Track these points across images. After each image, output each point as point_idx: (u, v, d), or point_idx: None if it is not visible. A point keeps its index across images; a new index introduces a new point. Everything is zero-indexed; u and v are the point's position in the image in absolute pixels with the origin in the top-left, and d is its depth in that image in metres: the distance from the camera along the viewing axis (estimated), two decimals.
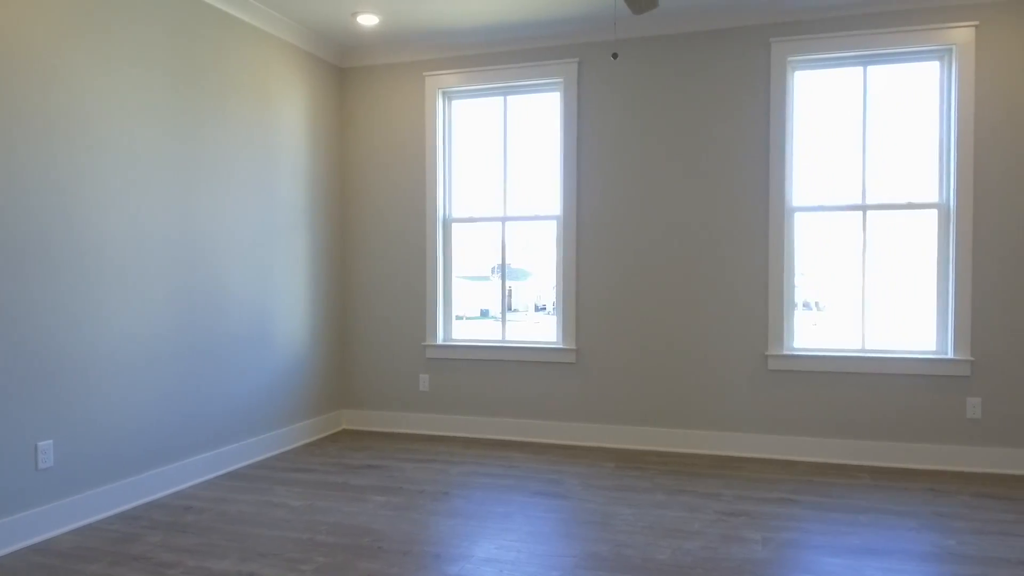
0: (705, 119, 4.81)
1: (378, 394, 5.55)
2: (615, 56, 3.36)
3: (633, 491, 3.99)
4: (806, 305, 4.79)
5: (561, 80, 5.07)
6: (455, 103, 5.42)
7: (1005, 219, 4.32)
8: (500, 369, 5.25)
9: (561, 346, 5.11)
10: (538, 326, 5.31)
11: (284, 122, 4.91)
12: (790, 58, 4.63)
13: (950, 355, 4.42)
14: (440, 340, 5.41)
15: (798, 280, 4.75)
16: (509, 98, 5.28)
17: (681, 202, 4.87)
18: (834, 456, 4.61)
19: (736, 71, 4.74)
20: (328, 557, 3.08)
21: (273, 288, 4.82)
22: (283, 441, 4.93)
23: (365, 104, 5.51)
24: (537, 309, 5.38)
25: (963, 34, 4.32)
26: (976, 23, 4.30)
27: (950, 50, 4.39)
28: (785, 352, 4.69)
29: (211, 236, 4.27)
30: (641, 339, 4.96)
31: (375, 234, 5.52)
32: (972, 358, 4.37)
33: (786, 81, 4.65)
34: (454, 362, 5.35)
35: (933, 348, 4.52)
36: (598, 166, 5.02)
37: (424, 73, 5.32)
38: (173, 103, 4.00)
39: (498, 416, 5.26)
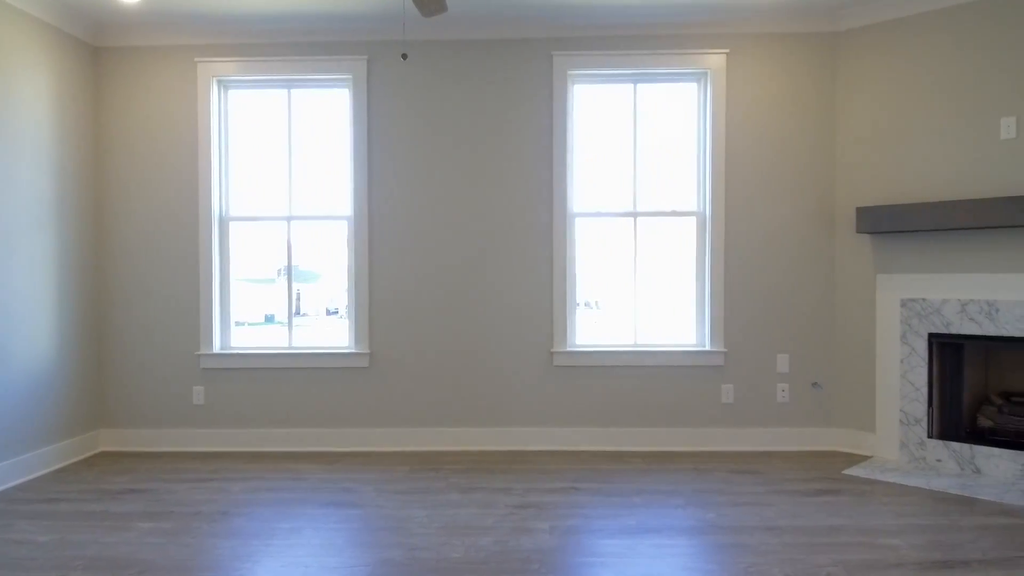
0: (494, 125, 4.93)
1: (144, 411, 5.01)
2: (404, 57, 3.33)
3: (428, 493, 3.97)
4: (587, 304, 5.09)
5: (350, 77, 4.93)
6: (232, 93, 5.06)
7: (751, 226, 4.91)
8: (287, 377, 4.98)
9: (354, 350, 4.96)
10: (330, 330, 5.11)
11: (21, 105, 4.27)
12: (570, 72, 4.90)
13: (707, 347, 4.93)
14: (217, 349, 5.01)
15: (579, 281, 5.03)
16: (294, 91, 5.03)
17: (472, 205, 4.95)
18: (613, 444, 4.94)
19: (522, 81, 4.92)
20: None
21: (8, 296, 4.16)
22: (25, 469, 4.27)
23: (126, 89, 4.96)
24: (329, 313, 5.18)
25: (716, 60, 4.85)
26: (727, 51, 4.85)
27: (705, 74, 4.91)
28: (568, 349, 4.95)
29: None
30: (435, 340, 4.96)
31: (139, 233, 4.99)
32: (725, 349, 4.91)
33: (567, 93, 4.91)
34: (234, 372, 4.98)
35: (694, 341, 5.01)
36: (390, 166, 4.95)
37: (196, 59, 4.91)
38: None
39: (286, 427, 4.99)
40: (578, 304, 5.04)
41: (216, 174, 4.98)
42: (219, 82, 4.99)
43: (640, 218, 4.99)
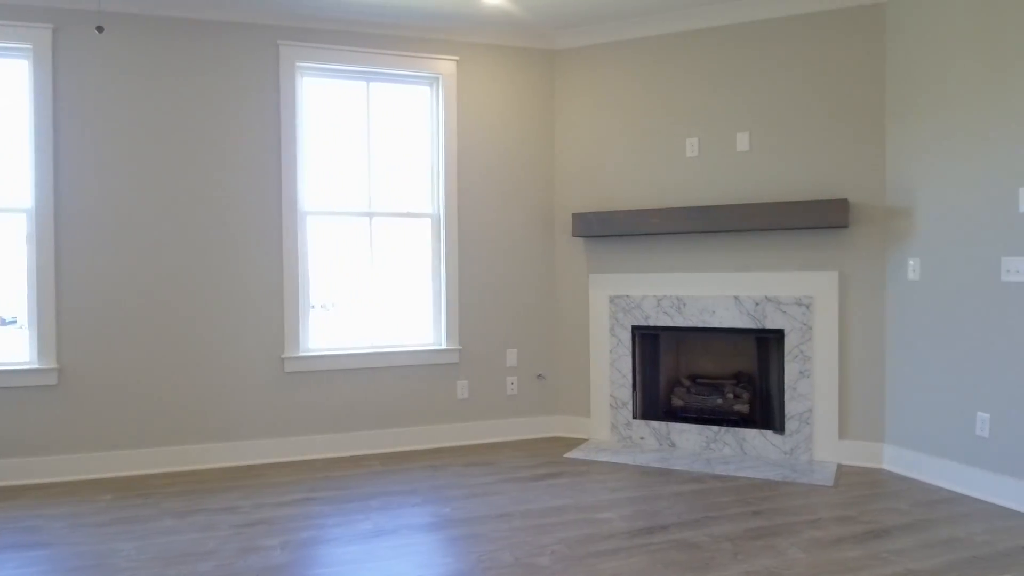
0: (214, 114, 4.54)
1: None
2: (100, 29, 2.93)
3: (135, 522, 3.52)
4: (322, 306, 4.91)
5: (30, 47, 4.20)
6: None
7: (481, 228, 5.10)
8: None
9: (37, 366, 4.23)
10: (5, 344, 4.31)
11: None
12: (299, 63, 4.69)
13: (444, 346, 5.03)
14: None
15: (313, 282, 4.83)
16: None
17: (188, 200, 4.50)
18: (351, 449, 4.82)
19: (245, 69, 4.60)
20: None
21: None
22: None
23: None
24: (5, 323, 4.36)
25: (447, 66, 4.97)
26: (457, 58, 4.99)
27: (437, 79, 5.01)
28: (301, 354, 4.73)
29: None
30: (144, 351, 4.42)
31: None
32: (460, 347, 5.05)
33: (295, 86, 4.69)
34: None
35: (431, 340, 5.08)
36: (85, 153, 4.31)
37: None
38: None
39: None
40: (312, 306, 4.83)
41: None
42: None
43: (376, 218, 4.94)
